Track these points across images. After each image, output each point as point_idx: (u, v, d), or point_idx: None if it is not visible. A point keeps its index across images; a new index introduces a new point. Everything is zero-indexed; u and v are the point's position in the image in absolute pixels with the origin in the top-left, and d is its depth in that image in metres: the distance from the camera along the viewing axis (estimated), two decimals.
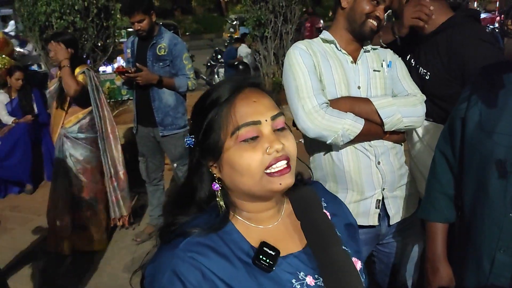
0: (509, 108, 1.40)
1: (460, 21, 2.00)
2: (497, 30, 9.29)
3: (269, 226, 1.06)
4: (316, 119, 1.83)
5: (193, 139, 1.04)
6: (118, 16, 6.65)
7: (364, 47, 2.03)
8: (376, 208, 1.98)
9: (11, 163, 5.49)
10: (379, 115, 1.89)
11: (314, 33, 15.07)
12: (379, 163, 1.96)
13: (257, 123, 0.98)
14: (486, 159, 1.43)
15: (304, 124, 1.86)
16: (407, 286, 2.21)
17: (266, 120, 0.99)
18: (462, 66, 1.91)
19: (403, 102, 1.94)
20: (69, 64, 3.69)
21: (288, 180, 0.97)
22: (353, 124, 1.86)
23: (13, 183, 5.65)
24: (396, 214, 2.03)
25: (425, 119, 2.03)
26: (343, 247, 1.02)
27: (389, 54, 2.09)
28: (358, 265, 1.10)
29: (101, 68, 7.56)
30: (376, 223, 1.99)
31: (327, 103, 1.87)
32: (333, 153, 1.97)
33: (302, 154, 2.13)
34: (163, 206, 1.12)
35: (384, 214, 2.01)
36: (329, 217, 1.12)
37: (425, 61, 2.07)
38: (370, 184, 1.96)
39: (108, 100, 7.27)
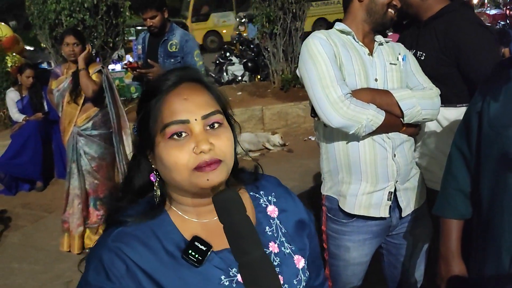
0: None
1: (457, 7, 2.17)
2: (507, 26, 9.25)
3: (206, 221, 1.04)
4: (342, 108, 1.82)
5: (135, 129, 1.05)
6: (127, 13, 6.67)
7: (377, 40, 2.03)
8: (388, 200, 1.98)
9: (22, 161, 5.52)
10: (399, 107, 1.89)
11: None
12: (395, 155, 1.96)
13: (186, 121, 0.95)
14: (504, 153, 1.41)
15: (329, 114, 1.84)
16: (415, 278, 2.20)
17: (195, 120, 0.95)
18: (457, 46, 2.06)
19: (421, 94, 1.95)
20: (85, 66, 3.73)
21: (216, 177, 0.95)
22: (376, 115, 1.85)
23: (24, 181, 5.68)
24: (407, 206, 2.03)
25: None
26: (264, 250, 0.95)
27: (401, 48, 2.09)
28: (301, 262, 1.09)
29: (110, 66, 7.59)
30: (387, 215, 1.99)
31: (350, 93, 1.86)
32: (349, 144, 1.96)
33: (312, 150, 2.15)
34: (110, 194, 1.13)
35: (394, 206, 2.01)
36: (276, 213, 1.12)
37: (422, 43, 2.19)
38: (385, 176, 1.96)
39: None
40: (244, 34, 14.08)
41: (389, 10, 1.96)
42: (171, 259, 0.97)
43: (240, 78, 10.32)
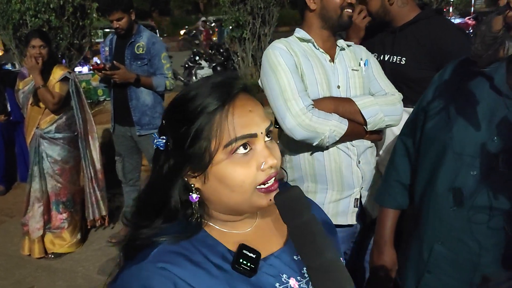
0: (465, 115, 1.42)
1: (433, 14, 2.27)
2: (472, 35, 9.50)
3: (246, 231, 1.00)
4: (304, 121, 1.80)
5: (165, 142, 0.93)
6: (94, 15, 6.57)
7: (339, 45, 2.02)
8: (354, 207, 1.99)
9: None
10: (362, 115, 1.89)
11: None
12: (359, 162, 1.97)
13: (254, 135, 0.89)
14: (439, 155, 1.47)
15: (292, 127, 1.83)
16: (365, 276, 2.22)
17: (261, 133, 0.90)
18: (440, 50, 2.12)
19: (383, 101, 1.96)
20: (43, 83, 3.68)
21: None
22: (339, 125, 1.85)
23: None
24: (372, 211, 2.05)
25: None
26: (334, 248, 0.93)
27: (363, 52, 2.10)
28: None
29: (77, 69, 7.46)
30: (354, 222, 2.00)
31: (312, 104, 1.85)
32: (314, 153, 1.96)
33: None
34: (125, 217, 1.01)
35: (359, 212, 2.03)
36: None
37: (400, 48, 2.25)
38: (350, 183, 1.97)
39: None
40: (214, 38, 14.07)
41: (345, 10, 1.95)
42: (221, 273, 0.90)
43: None
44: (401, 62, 2.23)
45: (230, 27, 7.84)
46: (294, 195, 0.86)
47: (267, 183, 0.91)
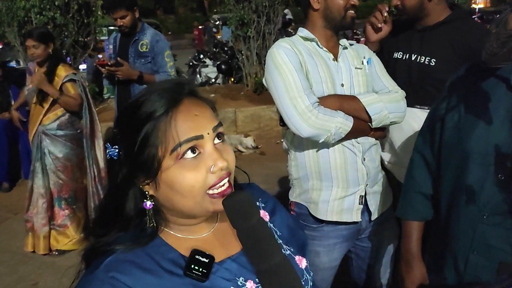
0: (483, 117, 1.40)
1: (465, 16, 2.23)
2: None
3: (203, 235, 0.99)
4: (310, 118, 1.81)
5: (118, 151, 0.92)
6: (99, 13, 6.58)
7: (342, 44, 2.03)
8: (359, 204, 1.99)
9: None
10: (367, 112, 1.90)
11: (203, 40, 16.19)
12: (364, 159, 1.98)
13: (200, 137, 0.88)
14: (462, 163, 1.44)
15: (298, 124, 1.83)
16: (381, 283, 2.22)
17: (208, 134, 0.90)
18: (473, 53, 2.02)
19: (387, 98, 1.96)
20: (58, 93, 3.73)
21: None
22: (344, 122, 1.86)
23: None
24: (376, 209, 2.05)
25: (424, 108, 2.15)
26: (283, 251, 0.93)
27: (366, 51, 2.11)
28: (303, 262, 1.07)
29: (81, 66, 7.47)
30: (359, 219, 2.00)
31: (318, 102, 1.86)
32: (320, 151, 1.96)
33: (285, 153, 2.15)
34: (85, 226, 1.00)
35: (364, 210, 2.03)
36: (267, 217, 1.08)
37: (428, 49, 2.17)
38: (355, 180, 1.97)
39: None
40: (218, 37, 14.07)
41: (348, 12, 1.95)
42: (174, 279, 0.89)
43: (213, 80, 10.29)
44: (431, 64, 2.17)
45: (235, 26, 7.83)
46: (242, 199, 0.84)
47: (220, 187, 0.90)
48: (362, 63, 2.03)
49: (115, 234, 0.93)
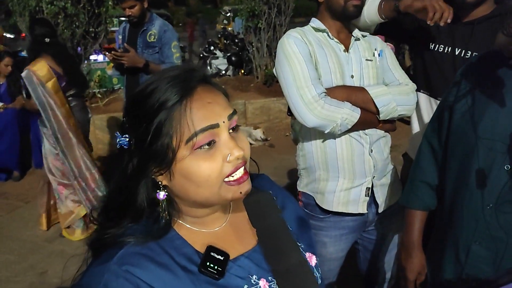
0: (493, 104, 1.38)
1: (510, 9, 1.97)
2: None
3: (216, 229, 0.97)
4: (316, 109, 1.81)
5: (128, 140, 0.90)
6: (110, 3, 6.59)
7: (354, 35, 2.01)
8: (365, 196, 1.98)
9: None
10: (375, 104, 1.89)
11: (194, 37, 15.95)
12: (371, 151, 1.96)
13: (215, 126, 0.86)
14: (469, 151, 1.43)
15: (304, 114, 1.84)
16: (391, 273, 2.22)
17: (223, 122, 0.87)
18: None
19: (397, 91, 1.95)
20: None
21: (247, 187, 0.89)
22: (351, 114, 1.85)
23: (0, 170, 5.58)
24: (383, 201, 2.04)
25: None
26: (301, 250, 0.91)
27: (378, 43, 2.08)
28: (313, 260, 1.05)
29: (92, 57, 7.49)
30: (365, 210, 2.00)
31: (325, 92, 1.85)
32: (326, 141, 1.96)
33: (294, 146, 2.14)
34: (92, 216, 0.97)
35: (371, 202, 2.02)
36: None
37: (475, 44, 1.98)
38: (362, 172, 1.96)
39: (99, 89, 7.21)
40: (229, 28, 14.05)
41: (349, 2, 1.89)
42: (188, 275, 0.87)
43: (223, 72, 10.30)
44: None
45: (246, 17, 7.79)
46: (262, 199, 0.84)
47: (236, 174, 0.88)
48: (373, 55, 2.01)
49: (126, 225, 0.90)
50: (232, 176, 0.88)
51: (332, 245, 2.06)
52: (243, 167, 0.90)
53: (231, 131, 0.90)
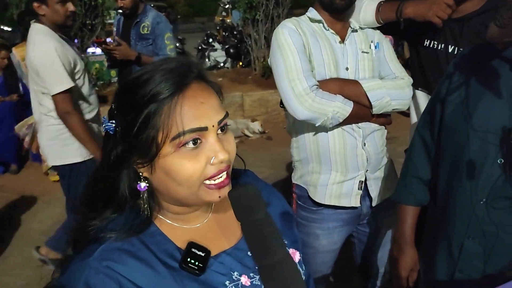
0: (486, 97, 1.37)
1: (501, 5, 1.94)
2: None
3: (198, 225, 0.97)
4: (307, 101, 1.80)
5: (114, 125, 0.88)
6: None
7: (352, 26, 1.98)
8: (358, 189, 1.97)
9: None
10: (368, 97, 1.87)
11: None
12: (364, 144, 1.95)
13: (204, 129, 0.84)
14: (462, 144, 1.41)
15: (294, 106, 1.83)
16: (387, 266, 2.21)
17: (213, 126, 0.85)
18: None
19: (391, 84, 1.92)
20: None
21: (226, 191, 0.86)
22: (343, 107, 1.83)
23: None
24: (377, 195, 2.03)
25: None
26: (286, 248, 0.89)
27: (376, 35, 2.05)
28: (297, 256, 1.05)
29: (90, 50, 7.46)
30: (358, 204, 1.99)
31: (317, 85, 1.84)
32: (319, 134, 1.95)
33: (287, 139, 2.13)
34: (74, 206, 0.96)
35: (365, 195, 2.01)
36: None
37: (466, 41, 1.92)
38: (355, 165, 1.95)
39: (97, 81, 7.19)
40: (228, 20, 13.99)
41: None
42: (169, 271, 0.87)
43: (222, 64, 10.25)
44: None
45: (244, 9, 7.75)
46: (248, 193, 0.82)
47: (218, 178, 0.87)
48: (370, 47, 1.99)
49: (109, 216, 0.89)
50: (214, 180, 0.87)
51: (325, 237, 2.05)
52: (226, 172, 0.88)
53: (219, 131, 0.88)
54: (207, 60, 10.69)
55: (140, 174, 0.89)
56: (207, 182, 0.87)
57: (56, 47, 2.71)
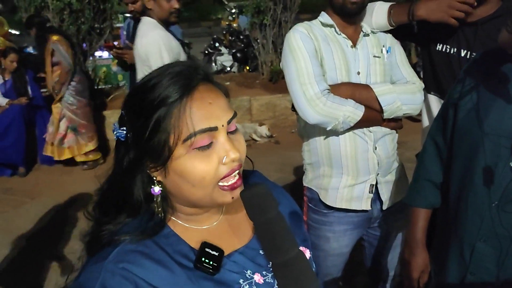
0: (498, 101, 1.37)
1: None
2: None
3: (210, 226, 0.98)
4: (318, 105, 1.80)
5: (125, 132, 0.89)
6: None
7: (364, 30, 1.98)
8: (369, 193, 1.98)
9: (4, 145, 5.44)
10: (379, 102, 1.87)
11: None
12: (376, 148, 1.95)
13: (214, 129, 0.86)
14: (474, 148, 1.41)
15: (306, 110, 1.83)
16: (390, 273, 2.21)
17: (222, 126, 0.87)
18: None
19: (402, 89, 1.92)
20: None
21: (238, 192, 0.87)
22: (354, 111, 1.84)
23: (6, 166, 5.60)
24: (388, 198, 2.03)
25: None
26: (298, 246, 0.90)
27: (388, 39, 2.04)
28: (307, 254, 1.06)
29: (97, 53, 7.49)
30: (369, 207, 1.99)
31: (328, 89, 1.84)
32: (330, 137, 1.95)
33: (299, 142, 2.13)
34: (87, 211, 0.96)
35: (376, 198, 2.01)
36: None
37: (480, 46, 1.87)
38: (366, 169, 1.95)
39: (104, 86, 7.22)
40: (235, 25, 14.01)
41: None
42: (184, 271, 0.88)
43: (229, 68, 10.26)
44: None
45: (251, 13, 7.76)
46: (260, 192, 0.82)
47: (231, 180, 0.89)
48: (382, 52, 1.98)
49: (122, 221, 0.90)
50: (227, 181, 0.88)
51: (336, 240, 2.05)
52: (238, 171, 0.90)
53: (229, 132, 0.90)
54: (213, 64, 10.70)
55: (154, 178, 0.91)
56: (221, 184, 0.88)
57: (162, 36, 2.79)
